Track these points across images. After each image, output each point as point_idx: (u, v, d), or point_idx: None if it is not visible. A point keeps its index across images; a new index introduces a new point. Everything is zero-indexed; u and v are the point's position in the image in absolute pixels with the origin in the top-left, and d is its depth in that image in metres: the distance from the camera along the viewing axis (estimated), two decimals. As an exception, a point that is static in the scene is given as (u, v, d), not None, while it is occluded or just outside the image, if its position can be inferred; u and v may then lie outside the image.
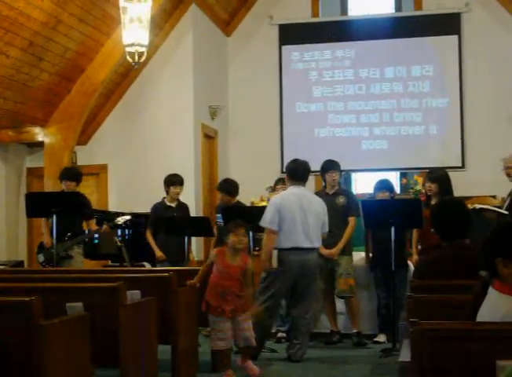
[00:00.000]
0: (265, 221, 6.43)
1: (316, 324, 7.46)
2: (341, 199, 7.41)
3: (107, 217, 8.41)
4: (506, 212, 6.60)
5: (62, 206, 7.44)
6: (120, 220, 7.89)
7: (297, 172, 6.66)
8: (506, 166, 7.01)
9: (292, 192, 6.62)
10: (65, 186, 7.90)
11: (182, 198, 8.38)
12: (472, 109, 11.49)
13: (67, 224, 7.60)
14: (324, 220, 6.65)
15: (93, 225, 7.95)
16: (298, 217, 6.44)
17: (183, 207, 8.29)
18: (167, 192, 8.17)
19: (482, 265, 2.96)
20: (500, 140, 10.71)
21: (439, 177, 7.06)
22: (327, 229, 6.72)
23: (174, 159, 10.17)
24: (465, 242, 4.34)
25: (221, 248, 5.73)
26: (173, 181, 8.13)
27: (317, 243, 6.60)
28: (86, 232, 8.01)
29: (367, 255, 7.58)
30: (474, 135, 11.44)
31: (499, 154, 7.34)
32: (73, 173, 8.05)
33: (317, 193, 7.52)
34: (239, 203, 8.16)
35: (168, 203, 8.17)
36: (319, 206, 6.65)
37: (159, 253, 7.96)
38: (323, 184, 7.65)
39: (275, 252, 6.62)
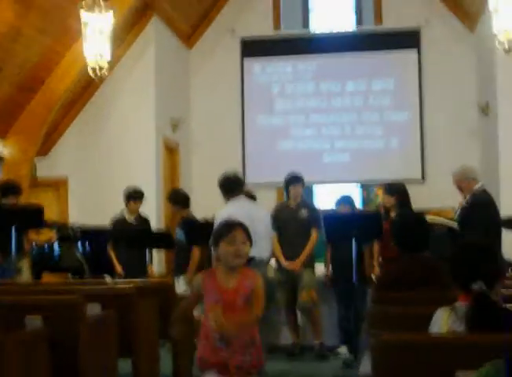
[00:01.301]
0: None
1: (278, 337, 7.46)
2: (303, 212, 7.42)
3: (58, 228, 8.37)
4: (454, 225, 6.68)
5: (22, 220, 7.29)
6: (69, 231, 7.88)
7: (232, 185, 6.56)
8: (454, 181, 7.09)
9: (237, 204, 6.31)
10: (9, 201, 7.67)
11: (145, 210, 8.34)
12: (432, 123, 11.63)
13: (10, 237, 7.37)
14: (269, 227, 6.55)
15: (32, 235, 7.91)
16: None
17: (143, 221, 8.24)
18: (126, 205, 8.13)
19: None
20: (459, 154, 10.84)
21: (395, 190, 7.12)
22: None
23: (136, 172, 10.11)
24: (424, 255, 4.38)
25: (211, 269, 3.79)
26: (134, 196, 8.08)
27: (266, 253, 6.36)
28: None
29: (327, 269, 7.59)
30: (434, 148, 11.57)
31: (458, 167, 7.39)
32: (16, 187, 7.84)
33: (278, 206, 7.54)
34: (191, 215, 8.01)
35: (127, 216, 8.12)
36: (265, 214, 6.57)
37: (118, 269, 7.93)
38: (285, 196, 7.65)
39: None
